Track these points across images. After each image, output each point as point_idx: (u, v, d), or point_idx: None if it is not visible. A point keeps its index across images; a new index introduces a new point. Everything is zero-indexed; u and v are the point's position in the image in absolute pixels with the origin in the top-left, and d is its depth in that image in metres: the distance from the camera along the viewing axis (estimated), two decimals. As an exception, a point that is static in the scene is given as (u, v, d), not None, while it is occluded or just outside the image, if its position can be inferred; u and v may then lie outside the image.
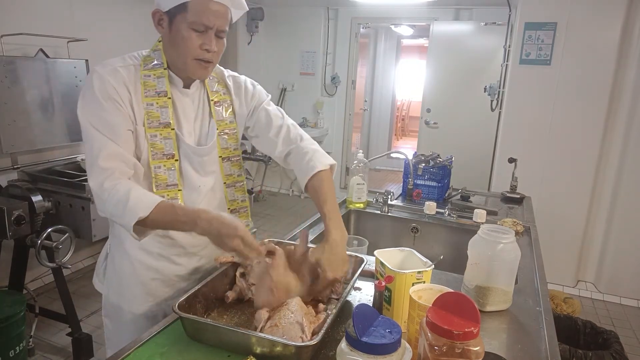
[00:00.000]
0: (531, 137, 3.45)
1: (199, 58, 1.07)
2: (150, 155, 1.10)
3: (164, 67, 1.12)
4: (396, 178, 6.87)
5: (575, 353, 2.12)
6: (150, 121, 1.09)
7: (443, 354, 0.73)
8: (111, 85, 1.05)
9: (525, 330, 1.12)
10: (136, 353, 0.91)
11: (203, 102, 1.21)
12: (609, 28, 3.13)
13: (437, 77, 4.80)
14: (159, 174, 1.11)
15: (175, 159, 1.13)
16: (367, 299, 1.20)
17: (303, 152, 1.26)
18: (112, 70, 1.07)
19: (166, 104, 1.11)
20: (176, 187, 1.13)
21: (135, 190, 1.01)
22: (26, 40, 2.77)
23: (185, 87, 1.16)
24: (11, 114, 2.61)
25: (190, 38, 1.04)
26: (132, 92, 1.08)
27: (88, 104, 1.06)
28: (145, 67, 1.11)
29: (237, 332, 0.90)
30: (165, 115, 1.11)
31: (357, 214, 2.07)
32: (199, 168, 1.18)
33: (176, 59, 1.10)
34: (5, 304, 2.10)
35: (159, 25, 1.09)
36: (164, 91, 1.11)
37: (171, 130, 1.11)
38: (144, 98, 1.09)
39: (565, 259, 3.51)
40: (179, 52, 1.08)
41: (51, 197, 2.42)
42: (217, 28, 1.07)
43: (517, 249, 1.18)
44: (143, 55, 1.14)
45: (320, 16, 5.16)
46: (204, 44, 1.06)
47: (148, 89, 1.10)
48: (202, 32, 1.05)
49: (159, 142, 1.10)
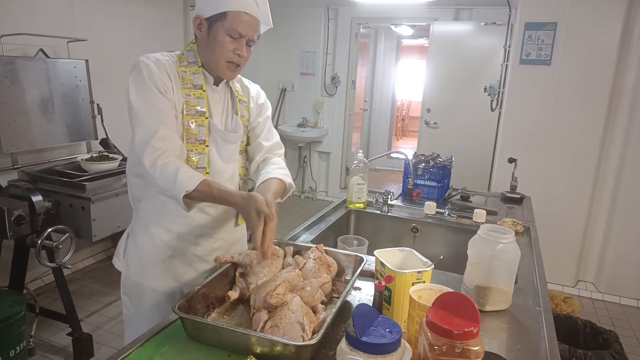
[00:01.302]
0: (531, 137, 3.45)
1: (230, 61, 1.23)
2: (185, 139, 1.23)
3: (199, 65, 1.27)
4: (396, 178, 6.87)
5: (575, 353, 2.12)
6: (189, 109, 1.23)
7: (443, 353, 0.73)
8: (158, 75, 1.19)
9: (525, 330, 1.12)
10: (136, 353, 0.91)
11: (228, 99, 1.36)
12: (609, 28, 3.13)
13: (437, 77, 4.80)
14: (190, 156, 1.24)
15: (206, 145, 1.26)
16: (367, 298, 1.20)
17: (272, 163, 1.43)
18: (157, 62, 1.20)
19: (202, 95, 1.26)
20: (204, 169, 1.26)
21: (183, 167, 1.15)
22: (26, 40, 2.77)
23: (215, 85, 1.31)
24: (11, 114, 2.61)
25: (225, 42, 1.20)
26: (173, 82, 1.22)
27: (140, 90, 1.17)
28: (181, 64, 1.26)
29: (237, 332, 0.90)
30: (201, 105, 1.25)
31: (357, 214, 2.07)
32: (224, 154, 1.31)
33: (210, 60, 1.25)
34: (6, 303, 2.10)
35: (197, 29, 1.23)
36: (199, 85, 1.26)
37: (205, 119, 1.26)
38: (183, 89, 1.23)
39: (565, 259, 3.51)
40: (214, 54, 1.22)
41: (51, 197, 2.42)
42: (249, 37, 1.23)
43: (517, 249, 1.18)
44: (177, 54, 1.28)
45: (320, 16, 5.16)
46: (237, 49, 1.22)
47: (186, 82, 1.24)
48: (235, 39, 1.21)
49: (194, 128, 1.24)
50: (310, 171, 5.69)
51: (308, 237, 1.68)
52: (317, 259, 1.20)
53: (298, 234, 1.67)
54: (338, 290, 1.17)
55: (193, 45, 1.29)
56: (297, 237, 1.65)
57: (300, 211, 5.16)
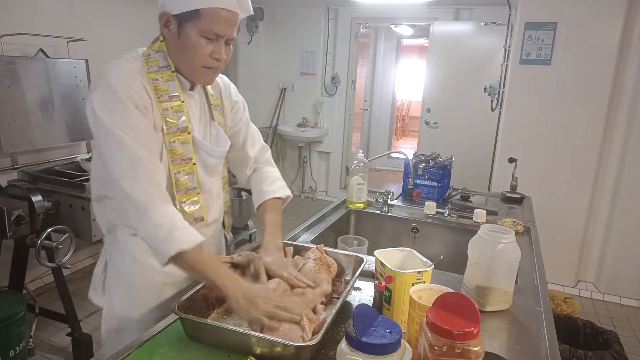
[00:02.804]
0: (531, 137, 3.45)
1: (207, 66, 1.07)
2: (169, 162, 1.09)
3: (172, 70, 1.10)
4: (396, 178, 6.87)
5: (575, 353, 2.12)
6: (169, 127, 1.08)
7: (443, 354, 0.73)
8: (134, 90, 1.01)
9: (525, 330, 1.12)
10: (136, 353, 0.91)
11: (203, 104, 1.22)
12: (609, 28, 3.13)
13: (437, 77, 4.80)
14: (180, 179, 1.10)
15: (193, 162, 1.13)
16: (367, 299, 1.20)
17: (266, 175, 1.36)
18: (130, 73, 1.03)
19: (181, 107, 1.10)
20: (196, 190, 1.14)
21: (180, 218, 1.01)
22: (26, 40, 2.77)
23: (190, 90, 1.17)
24: (11, 114, 2.61)
25: (200, 45, 1.03)
26: (150, 96, 1.05)
27: (114, 109, 0.99)
28: (150, 69, 1.07)
29: (236, 332, 0.90)
30: (182, 120, 1.10)
31: (357, 214, 2.06)
32: (210, 169, 1.20)
33: (183, 64, 1.09)
34: (5, 304, 2.10)
35: (165, 28, 1.06)
36: (176, 95, 1.09)
37: (188, 134, 1.11)
38: (158, 103, 1.06)
39: (565, 259, 3.51)
40: (188, 59, 1.07)
41: (51, 197, 2.41)
42: (228, 36, 1.06)
43: (517, 249, 1.18)
44: (141, 56, 1.09)
45: (320, 16, 5.16)
46: (214, 52, 1.05)
47: (160, 94, 1.07)
48: (212, 40, 1.04)
49: (178, 147, 1.10)
50: (310, 171, 5.68)
51: (308, 237, 1.68)
52: (317, 259, 1.19)
53: (298, 234, 1.67)
54: (338, 290, 1.17)
55: (162, 45, 1.10)
56: (297, 237, 1.64)
57: (300, 211, 5.16)
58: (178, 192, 1.11)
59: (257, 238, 4.05)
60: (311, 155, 5.65)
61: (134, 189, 0.98)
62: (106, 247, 1.23)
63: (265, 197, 1.30)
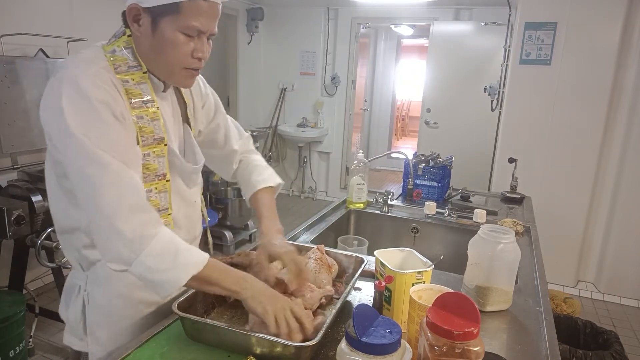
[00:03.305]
0: (531, 137, 3.45)
1: (188, 67, 0.94)
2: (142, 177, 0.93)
3: (144, 71, 0.95)
4: (396, 178, 6.87)
5: (575, 353, 2.12)
6: (145, 138, 0.93)
7: (443, 354, 0.73)
8: (109, 94, 0.87)
9: (525, 330, 1.12)
10: (136, 353, 0.91)
11: (175, 106, 1.08)
12: (609, 28, 3.13)
13: (437, 77, 4.80)
14: (151, 198, 0.95)
15: (167, 180, 0.98)
16: (367, 299, 1.20)
17: (253, 164, 1.28)
18: (98, 74, 0.88)
19: (156, 115, 0.95)
20: (167, 211, 1.01)
21: (180, 242, 0.90)
22: (26, 40, 2.77)
23: (163, 91, 1.02)
24: (11, 114, 2.61)
25: (180, 43, 0.90)
26: (123, 99, 0.90)
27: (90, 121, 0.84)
28: (118, 69, 0.91)
29: (236, 332, 0.90)
30: (158, 130, 0.95)
31: (357, 214, 2.06)
32: (189, 182, 1.10)
33: (159, 66, 0.95)
34: (5, 304, 2.10)
35: (135, 23, 0.91)
36: (150, 100, 0.95)
37: (164, 146, 0.97)
38: (132, 110, 0.91)
39: (565, 259, 3.51)
40: (165, 60, 0.92)
41: (51, 197, 2.41)
42: (211, 32, 0.93)
43: (517, 249, 1.18)
44: (105, 54, 0.93)
45: (320, 16, 5.16)
46: (197, 51, 0.92)
47: (133, 98, 0.92)
48: (193, 37, 0.91)
49: (152, 161, 0.95)
50: (310, 171, 5.68)
51: (308, 237, 1.68)
52: (318, 259, 1.19)
53: (298, 234, 1.67)
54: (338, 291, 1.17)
55: (129, 40, 0.95)
56: (297, 237, 1.64)
57: (300, 211, 5.16)
58: None
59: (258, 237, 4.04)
60: (311, 155, 5.65)
61: (124, 223, 0.84)
62: (81, 286, 1.04)
63: (256, 187, 1.23)
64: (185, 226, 1.11)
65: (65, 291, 1.10)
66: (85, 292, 1.04)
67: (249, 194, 1.24)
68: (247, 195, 1.25)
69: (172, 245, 0.88)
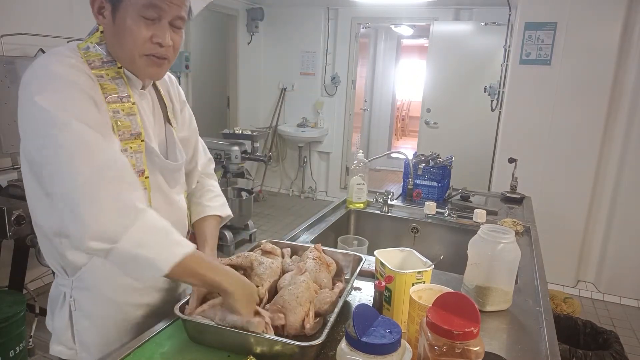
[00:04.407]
0: (531, 137, 3.45)
1: (148, 53, 0.90)
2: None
3: (118, 66, 0.93)
4: (396, 178, 6.87)
5: (575, 353, 2.12)
6: (122, 132, 0.90)
7: (443, 354, 0.73)
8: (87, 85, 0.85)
9: (525, 330, 1.12)
10: (136, 353, 0.91)
11: (156, 105, 1.05)
12: (609, 28, 3.14)
13: (437, 77, 4.81)
14: None
15: (145, 176, 0.96)
16: (367, 299, 1.20)
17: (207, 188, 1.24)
18: (73, 67, 0.86)
19: (132, 110, 0.93)
20: None
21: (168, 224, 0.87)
22: (26, 40, 2.77)
23: (142, 89, 1.00)
24: (11, 114, 2.61)
25: (138, 28, 0.86)
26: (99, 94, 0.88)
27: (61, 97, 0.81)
28: (93, 64, 0.89)
29: (240, 333, 0.89)
30: (135, 124, 0.93)
31: (357, 214, 2.07)
32: (171, 180, 1.06)
33: (122, 56, 0.91)
34: (5, 303, 2.10)
35: (99, 15, 0.89)
36: (126, 95, 0.93)
37: (141, 141, 0.94)
38: (108, 104, 0.89)
39: (565, 259, 3.51)
40: (125, 47, 0.89)
41: (51, 197, 2.42)
42: (173, 14, 0.88)
43: (517, 249, 1.18)
44: (79, 50, 0.91)
45: (320, 16, 5.17)
46: (156, 36, 0.88)
47: (108, 93, 0.89)
48: (153, 22, 0.87)
49: (130, 157, 0.91)
50: (310, 171, 5.69)
51: (308, 237, 1.68)
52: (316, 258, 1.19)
53: (298, 234, 1.67)
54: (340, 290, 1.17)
55: (102, 36, 0.93)
56: (297, 237, 1.64)
57: (300, 211, 5.16)
58: None
59: (257, 238, 4.05)
60: (311, 155, 5.65)
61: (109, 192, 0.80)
62: (65, 292, 1.01)
63: (206, 213, 1.19)
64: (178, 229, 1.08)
65: (50, 301, 1.07)
66: (72, 299, 1.00)
67: (197, 217, 1.19)
68: (195, 218, 1.19)
69: (164, 222, 0.86)
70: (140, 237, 0.80)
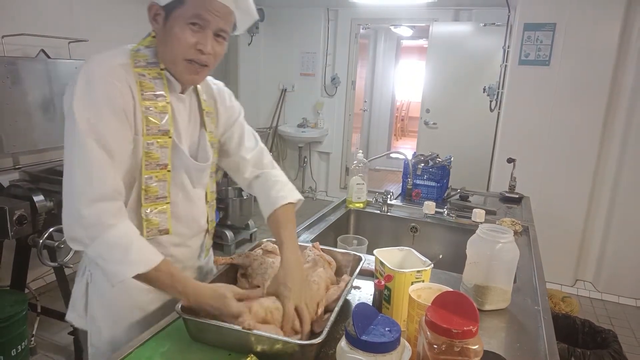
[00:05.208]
0: (530, 138, 3.46)
1: (189, 58, 0.97)
2: (143, 165, 1.00)
3: (161, 68, 1.01)
4: (395, 178, 6.88)
5: (573, 352, 2.13)
6: (149, 127, 0.99)
7: (442, 352, 0.74)
8: (116, 89, 0.93)
9: (524, 329, 1.13)
10: (136, 352, 0.92)
11: (194, 110, 1.12)
12: (608, 29, 3.14)
13: (436, 77, 4.81)
14: (150, 185, 1.01)
15: (167, 170, 1.03)
16: (366, 297, 1.21)
17: (273, 180, 1.24)
18: (112, 70, 0.95)
19: (165, 109, 1.01)
20: (165, 199, 1.05)
21: (138, 238, 0.95)
22: (27, 41, 2.78)
23: (181, 92, 1.07)
24: (13, 114, 2.61)
25: (183, 34, 0.95)
26: (134, 95, 0.97)
27: (90, 111, 0.92)
28: (137, 64, 0.99)
29: (241, 332, 0.89)
30: (164, 122, 1.01)
31: (356, 213, 2.07)
32: (195, 180, 1.12)
33: (167, 59, 1.00)
34: (7, 303, 2.11)
35: (154, 21, 0.99)
36: (162, 94, 1.01)
37: (168, 138, 1.02)
38: (142, 101, 0.97)
39: (563, 259, 3.52)
40: (170, 50, 0.97)
41: (53, 197, 2.42)
42: (217, 26, 0.97)
43: (516, 248, 1.19)
44: (130, 51, 1.01)
45: (320, 17, 5.17)
46: (199, 43, 0.96)
47: (145, 90, 0.98)
48: (198, 30, 0.96)
49: (155, 151, 1.00)
50: (310, 171, 5.69)
51: (308, 236, 1.69)
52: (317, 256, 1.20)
53: (298, 233, 1.68)
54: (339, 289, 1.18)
55: (153, 41, 1.03)
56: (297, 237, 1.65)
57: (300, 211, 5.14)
58: (146, 200, 1.02)
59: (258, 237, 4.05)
60: (311, 155, 5.65)
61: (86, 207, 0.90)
62: (86, 266, 1.12)
63: (276, 205, 1.18)
64: (186, 221, 1.13)
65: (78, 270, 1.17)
66: (89, 272, 1.10)
67: (268, 212, 1.19)
68: (266, 214, 1.20)
69: (127, 240, 0.93)
70: (100, 251, 0.92)
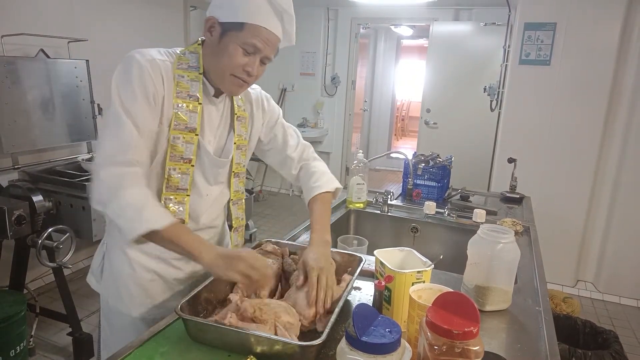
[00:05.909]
0: (531, 137, 3.46)
1: (236, 75, 1.08)
2: (168, 156, 1.09)
3: (200, 72, 1.12)
4: (396, 178, 6.88)
5: (574, 353, 2.13)
6: (177, 123, 1.09)
7: (443, 353, 0.73)
8: (150, 78, 1.04)
9: (524, 329, 1.12)
10: (136, 353, 0.91)
11: (226, 114, 1.22)
12: (608, 28, 3.14)
13: (436, 77, 4.81)
14: (173, 175, 1.11)
15: (191, 164, 1.12)
16: (367, 298, 1.20)
17: (311, 171, 1.35)
18: (152, 62, 1.05)
19: (196, 109, 1.11)
20: (185, 192, 1.13)
21: (153, 200, 1.02)
22: (27, 41, 2.77)
23: (215, 96, 1.17)
24: (12, 114, 2.61)
25: (236, 55, 1.06)
26: (165, 89, 1.07)
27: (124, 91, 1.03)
28: (179, 66, 1.10)
29: (240, 332, 0.89)
30: (192, 121, 1.10)
31: (356, 213, 2.07)
32: (210, 177, 1.20)
33: (214, 69, 1.11)
34: (6, 303, 2.11)
35: (208, 32, 1.09)
36: (195, 96, 1.10)
37: (195, 136, 1.11)
38: (175, 98, 1.08)
39: (564, 259, 3.51)
40: (220, 64, 1.08)
41: (52, 197, 2.42)
42: (265, 54, 1.09)
43: (517, 248, 1.18)
44: (177, 54, 1.12)
45: (320, 17, 5.17)
46: (248, 65, 1.07)
47: (180, 90, 1.09)
48: (249, 54, 1.07)
49: (180, 145, 1.10)
50: (310, 171, 5.68)
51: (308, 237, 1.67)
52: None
53: (298, 233, 1.67)
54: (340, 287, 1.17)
55: (198, 47, 1.14)
56: (297, 237, 1.65)
57: (301, 211, 5.16)
58: (167, 189, 1.11)
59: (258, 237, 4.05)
60: (311, 155, 5.65)
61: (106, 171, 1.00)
62: (106, 238, 1.24)
63: (313, 193, 1.30)
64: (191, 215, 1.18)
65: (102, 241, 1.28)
66: (104, 240, 1.24)
67: (307, 201, 1.32)
68: (306, 202, 1.33)
69: (141, 200, 1.00)
70: (117, 209, 0.99)
